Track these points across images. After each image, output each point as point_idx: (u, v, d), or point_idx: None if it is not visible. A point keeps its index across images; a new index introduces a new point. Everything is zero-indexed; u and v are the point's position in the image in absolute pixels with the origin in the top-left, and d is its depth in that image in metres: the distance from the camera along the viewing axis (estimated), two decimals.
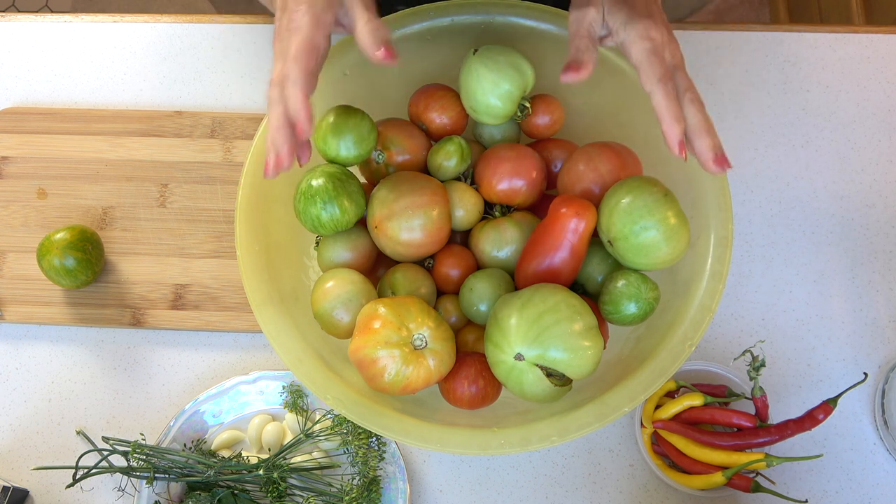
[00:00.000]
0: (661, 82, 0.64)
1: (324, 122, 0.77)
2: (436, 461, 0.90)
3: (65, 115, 1.02)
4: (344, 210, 0.76)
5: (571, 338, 0.68)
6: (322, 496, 0.85)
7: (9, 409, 0.93)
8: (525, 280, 0.75)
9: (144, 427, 0.92)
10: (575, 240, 0.72)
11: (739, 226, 0.96)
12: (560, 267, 0.73)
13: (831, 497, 0.87)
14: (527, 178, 0.79)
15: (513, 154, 0.79)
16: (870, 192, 0.97)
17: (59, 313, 0.95)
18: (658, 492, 0.88)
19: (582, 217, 0.72)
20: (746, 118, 1.00)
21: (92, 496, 0.90)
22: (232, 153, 1.00)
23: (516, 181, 0.79)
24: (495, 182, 0.79)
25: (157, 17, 1.07)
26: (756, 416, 0.84)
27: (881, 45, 1.02)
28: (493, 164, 0.79)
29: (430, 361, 0.71)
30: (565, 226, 0.72)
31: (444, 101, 0.82)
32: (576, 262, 0.73)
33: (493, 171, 0.79)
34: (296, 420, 0.89)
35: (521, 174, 0.79)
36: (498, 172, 0.79)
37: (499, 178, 0.79)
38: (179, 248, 0.97)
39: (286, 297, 0.76)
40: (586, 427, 0.69)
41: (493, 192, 0.80)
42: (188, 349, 0.95)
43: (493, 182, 0.79)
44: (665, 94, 0.64)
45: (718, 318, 0.93)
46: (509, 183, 0.79)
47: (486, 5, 0.80)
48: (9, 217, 0.99)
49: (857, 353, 0.92)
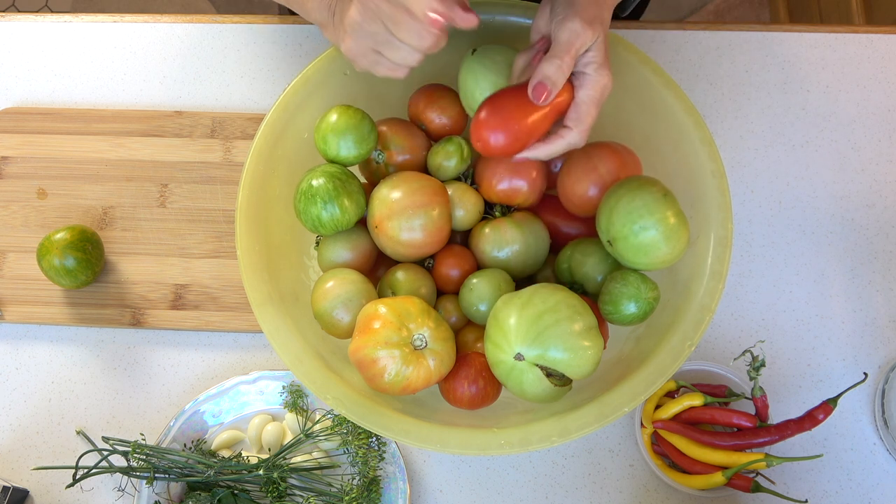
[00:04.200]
0: (581, 133, 0.70)
1: (324, 121, 0.77)
2: (436, 461, 0.90)
3: (65, 115, 1.02)
4: (344, 210, 0.76)
5: (571, 338, 0.68)
6: (322, 496, 0.85)
7: (9, 409, 0.93)
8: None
9: (144, 427, 0.92)
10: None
11: (739, 226, 0.96)
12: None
13: (831, 497, 0.87)
14: (527, 179, 0.79)
15: None
16: (870, 192, 0.97)
17: (59, 313, 0.95)
18: (658, 492, 0.88)
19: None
20: (746, 118, 1.00)
21: (92, 496, 0.90)
22: (232, 153, 1.00)
23: (516, 181, 0.79)
24: (495, 182, 0.79)
25: (157, 17, 1.07)
26: (756, 416, 0.84)
27: (881, 45, 1.02)
28: (493, 165, 0.79)
29: (430, 361, 0.71)
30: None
31: (444, 101, 0.82)
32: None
33: (493, 171, 0.79)
34: (296, 420, 0.89)
35: (521, 174, 0.79)
36: (498, 172, 0.79)
37: (499, 178, 0.79)
38: (179, 248, 0.97)
39: (286, 297, 0.76)
40: (586, 427, 0.69)
41: (493, 192, 0.80)
42: (188, 349, 0.95)
43: (493, 182, 0.79)
44: (572, 142, 0.71)
45: (718, 317, 0.93)
46: (509, 183, 0.79)
47: (486, 5, 0.80)
48: (9, 217, 0.99)
49: (857, 353, 0.92)
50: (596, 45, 0.69)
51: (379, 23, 0.64)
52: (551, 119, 0.71)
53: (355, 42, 0.67)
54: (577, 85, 0.70)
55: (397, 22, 0.62)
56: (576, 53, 0.68)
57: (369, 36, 0.66)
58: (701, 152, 0.76)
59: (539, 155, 0.72)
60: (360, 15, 0.64)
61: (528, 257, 0.79)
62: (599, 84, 0.69)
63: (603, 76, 0.69)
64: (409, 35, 0.63)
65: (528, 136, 0.70)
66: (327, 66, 0.80)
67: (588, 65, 0.69)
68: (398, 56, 0.66)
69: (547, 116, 0.70)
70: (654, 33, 1.03)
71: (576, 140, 0.71)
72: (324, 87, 0.81)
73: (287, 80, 1.02)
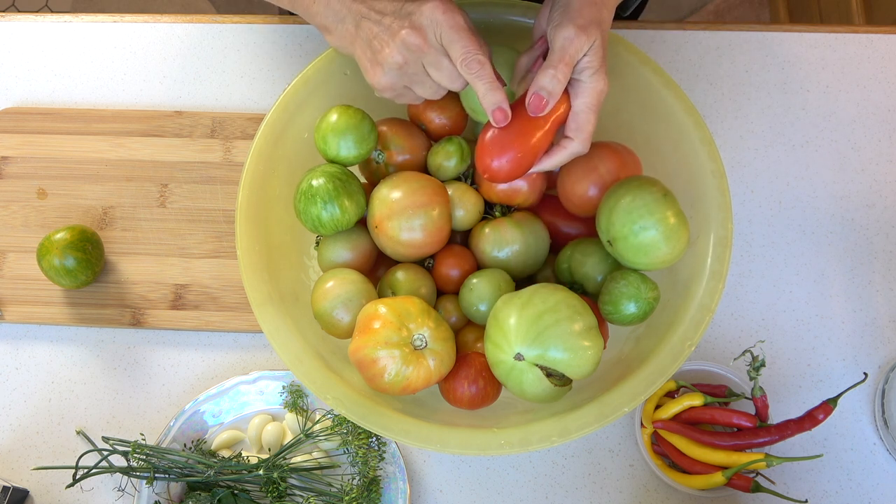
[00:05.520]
0: (583, 141, 0.70)
1: (324, 121, 0.77)
2: (436, 461, 0.90)
3: (65, 115, 1.02)
4: (344, 210, 0.76)
5: (571, 338, 0.68)
6: (322, 496, 0.85)
7: (9, 409, 0.93)
8: None
9: (144, 427, 0.92)
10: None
11: (739, 226, 0.96)
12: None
13: (831, 497, 0.87)
14: (527, 179, 0.79)
15: None
16: (870, 192, 0.97)
17: (59, 313, 0.95)
18: (658, 492, 0.88)
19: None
20: (746, 118, 1.00)
21: (92, 496, 0.90)
22: (232, 153, 1.00)
23: (516, 181, 0.79)
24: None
25: (157, 17, 1.07)
26: (756, 416, 0.84)
27: (881, 45, 1.02)
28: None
29: (430, 361, 0.71)
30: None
31: (444, 101, 0.82)
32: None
33: None
34: (296, 420, 0.89)
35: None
36: None
37: None
38: (179, 248, 0.97)
39: (286, 297, 0.76)
40: (586, 427, 0.69)
41: (493, 192, 0.80)
42: (188, 349, 0.95)
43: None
44: (574, 152, 0.71)
45: (718, 317, 0.93)
46: (509, 183, 0.79)
47: (486, 5, 0.80)
48: (9, 217, 0.99)
49: (857, 353, 0.92)
50: (592, 50, 0.68)
51: (420, 65, 0.68)
52: (552, 134, 0.71)
53: (389, 79, 0.70)
54: (572, 94, 0.70)
55: (436, 66, 0.68)
56: (571, 61, 0.68)
57: (407, 76, 0.70)
58: (701, 152, 0.76)
59: (544, 168, 0.72)
60: (401, 56, 0.68)
61: (528, 257, 0.79)
62: (595, 91, 0.69)
63: (598, 82, 0.69)
64: (443, 77, 0.69)
65: (532, 156, 0.71)
66: (327, 66, 0.80)
67: (583, 71, 0.69)
68: (427, 92, 0.71)
69: (547, 133, 0.70)
70: (654, 33, 1.03)
71: (578, 149, 0.71)
72: (324, 87, 0.81)
73: (287, 80, 1.02)
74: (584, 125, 0.70)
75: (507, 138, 0.70)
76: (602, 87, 0.69)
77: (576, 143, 0.71)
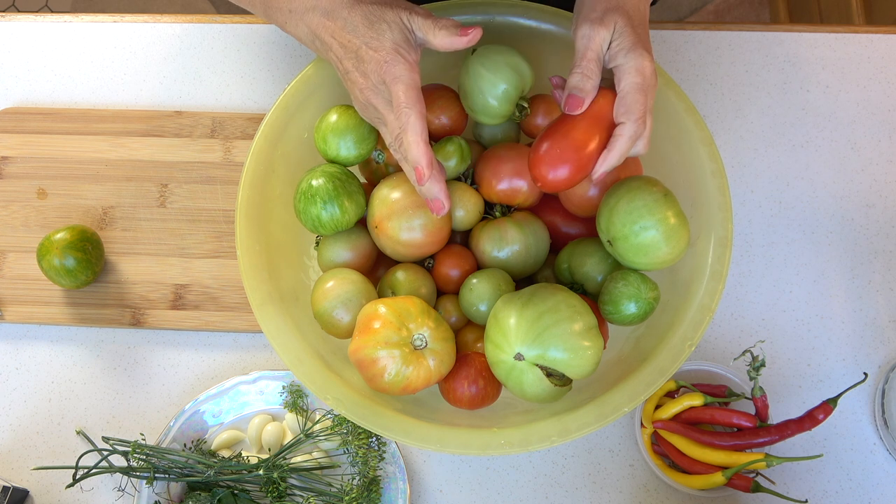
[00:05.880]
0: (636, 122, 0.66)
1: (324, 121, 0.77)
2: (436, 461, 0.90)
3: (65, 115, 1.02)
4: (344, 210, 0.76)
5: (571, 338, 0.68)
6: (322, 496, 0.85)
7: (9, 409, 0.93)
8: None
9: (144, 427, 0.92)
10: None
11: (739, 226, 0.96)
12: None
13: (831, 497, 0.87)
14: (527, 178, 0.79)
15: (513, 154, 0.79)
16: (870, 192, 0.97)
17: (59, 313, 0.95)
18: (658, 492, 0.88)
19: None
20: (746, 118, 1.00)
21: (92, 496, 0.90)
22: (232, 153, 1.00)
23: (516, 181, 0.79)
24: (495, 182, 0.79)
25: (157, 17, 1.07)
26: (756, 416, 0.84)
27: (881, 45, 1.02)
28: (493, 164, 0.79)
29: (430, 361, 0.71)
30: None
31: (444, 101, 0.82)
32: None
33: (493, 171, 0.79)
34: (296, 420, 0.89)
35: (521, 174, 0.79)
36: (498, 172, 0.79)
37: (499, 178, 0.79)
38: (179, 248, 0.97)
39: (286, 297, 0.76)
40: (586, 427, 0.69)
41: (493, 192, 0.80)
42: (188, 349, 0.95)
43: (494, 182, 0.79)
44: (630, 135, 0.67)
45: (718, 318, 0.93)
46: (509, 183, 0.79)
47: (486, 5, 0.80)
48: (9, 217, 0.99)
49: (857, 353, 0.92)
50: (617, 34, 0.66)
51: (373, 118, 0.71)
52: (603, 134, 0.68)
53: (360, 111, 0.73)
54: (616, 81, 0.67)
55: (385, 123, 0.69)
56: (594, 56, 0.66)
57: (371, 119, 0.72)
58: (701, 152, 0.76)
59: (609, 164, 0.68)
60: (359, 106, 0.71)
61: (528, 257, 0.79)
62: (634, 68, 0.66)
63: (635, 58, 0.66)
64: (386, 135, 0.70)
65: (587, 159, 0.68)
66: (327, 67, 0.80)
67: (616, 55, 0.67)
68: (387, 139, 0.71)
69: (595, 133, 0.68)
70: (654, 33, 1.03)
71: (632, 131, 0.66)
72: (324, 87, 0.81)
73: (287, 80, 1.02)
74: (632, 106, 0.66)
75: (558, 148, 0.68)
76: (642, 63, 0.66)
77: (628, 126, 0.66)
